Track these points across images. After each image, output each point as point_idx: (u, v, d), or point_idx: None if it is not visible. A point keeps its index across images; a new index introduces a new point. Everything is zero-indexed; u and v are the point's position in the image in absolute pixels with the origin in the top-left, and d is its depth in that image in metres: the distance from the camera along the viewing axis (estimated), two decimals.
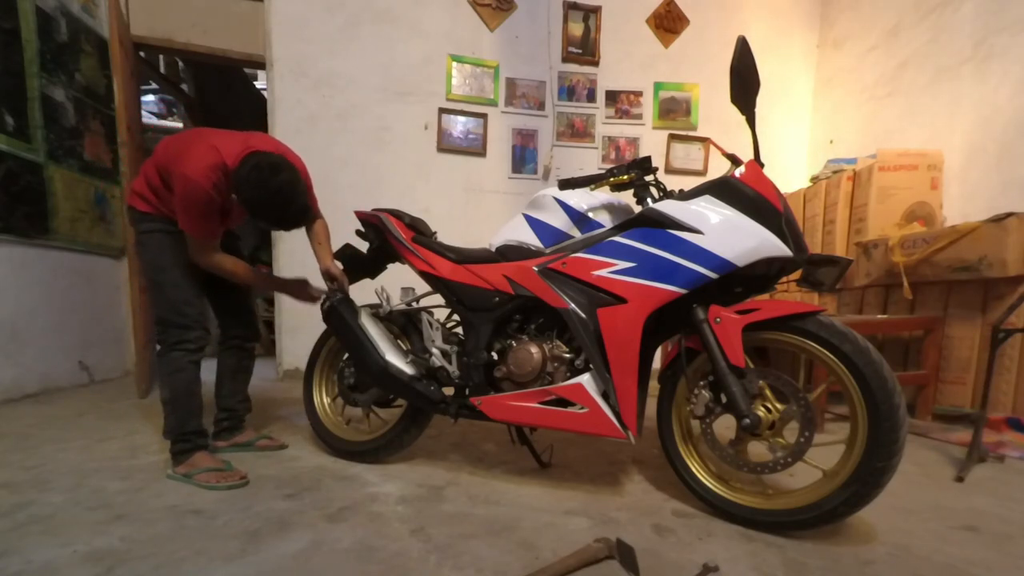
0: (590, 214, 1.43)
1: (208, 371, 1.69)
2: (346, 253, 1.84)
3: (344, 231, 2.07)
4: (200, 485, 1.47)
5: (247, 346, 1.85)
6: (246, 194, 1.41)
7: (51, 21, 2.78)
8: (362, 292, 1.93)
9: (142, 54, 3.62)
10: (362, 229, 1.80)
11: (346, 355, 1.77)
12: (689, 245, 1.21)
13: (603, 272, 1.30)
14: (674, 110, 3.68)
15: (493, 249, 1.56)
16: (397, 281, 1.92)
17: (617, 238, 1.31)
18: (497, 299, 1.49)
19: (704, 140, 3.67)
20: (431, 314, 1.68)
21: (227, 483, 1.46)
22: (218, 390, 1.82)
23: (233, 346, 1.82)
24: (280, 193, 1.40)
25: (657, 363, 1.63)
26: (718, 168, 3.59)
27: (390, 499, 1.39)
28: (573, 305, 1.34)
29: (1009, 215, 2.05)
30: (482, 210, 3.51)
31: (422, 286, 1.73)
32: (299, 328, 3.26)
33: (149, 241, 1.57)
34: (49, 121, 2.76)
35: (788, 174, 3.77)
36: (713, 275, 1.19)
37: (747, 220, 1.19)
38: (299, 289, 1.77)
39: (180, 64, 5.10)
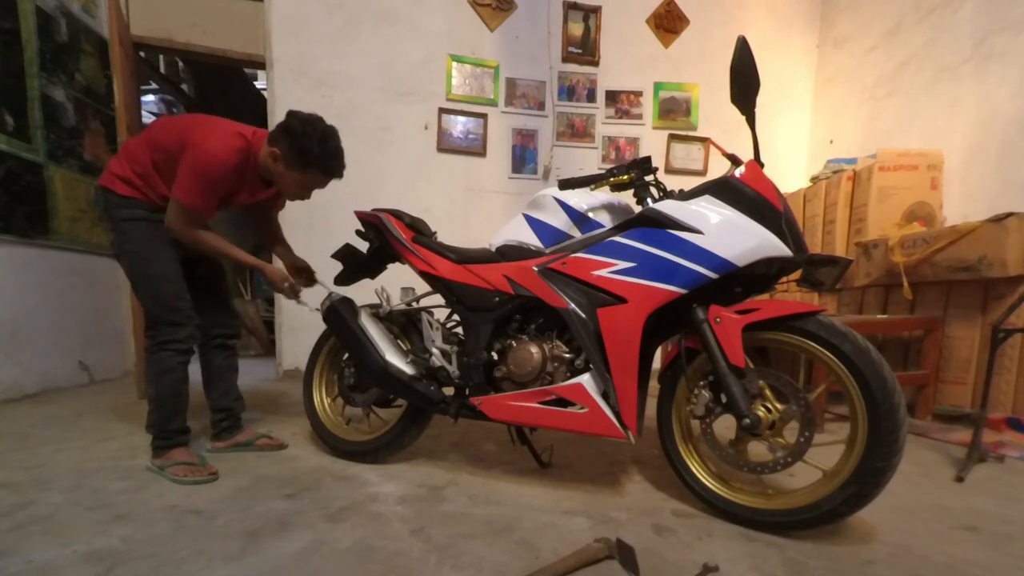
0: (590, 214, 1.43)
1: (194, 372, 1.67)
2: (346, 253, 1.84)
3: (344, 231, 2.07)
4: (169, 478, 1.49)
5: (230, 343, 1.82)
6: (309, 140, 1.46)
7: (51, 21, 2.78)
8: (362, 292, 1.93)
9: (142, 54, 3.62)
10: (362, 229, 1.80)
11: (346, 355, 1.77)
12: (689, 245, 1.21)
13: (603, 272, 1.30)
14: (674, 110, 3.68)
15: (493, 249, 1.56)
16: (397, 281, 1.92)
17: (617, 238, 1.31)
18: (497, 299, 1.49)
19: (704, 140, 3.67)
20: (431, 314, 1.68)
21: (193, 478, 1.48)
22: (208, 392, 1.80)
23: (216, 345, 1.78)
24: (334, 134, 1.52)
25: (657, 363, 1.63)
26: (718, 168, 3.59)
27: (390, 499, 1.39)
28: (573, 305, 1.34)
29: (1009, 215, 2.05)
30: (482, 210, 3.51)
31: (422, 286, 1.73)
32: (299, 328, 3.26)
33: (132, 230, 1.51)
34: (49, 121, 2.77)
35: (788, 174, 3.77)
36: (713, 275, 1.19)
37: (747, 220, 1.19)
38: (279, 277, 1.65)
39: (180, 64, 5.11)
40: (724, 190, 1.23)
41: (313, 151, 1.48)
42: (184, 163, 1.43)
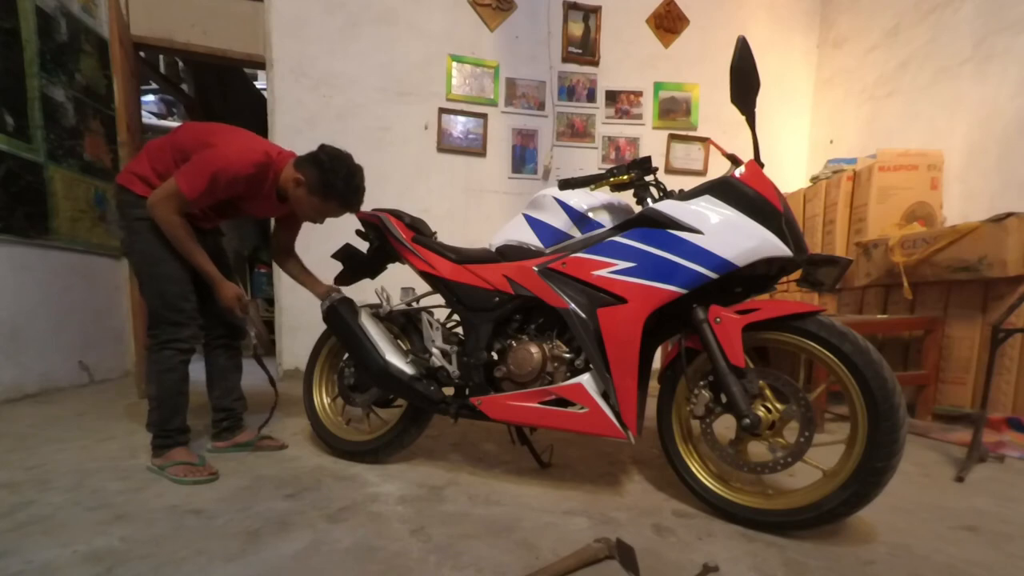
0: (590, 214, 1.43)
1: (196, 371, 1.67)
2: (346, 253, 1.84)
3: (344, 231, 2.07)
4: (169, 478, 1.50)
5: (234, 344, 1.83)
6: (335, 174, 1.54)
7: (51, 21, 2.78)
8: (362, 292, 1.93)
9: (142, 54, 3.62)
10: (362, 229, 1.80)
11: (346, 355, 1.77)
12: (689, 245, 1.21)
13: (603, 272, 1.30)
14: (674, 110, 3.67)
15: (493, 249, 1.56)
16: (397, 281, 1.92)
17: (617, 238, 1.31)
18: (497, 299, 1.49)
19: (704, 140, 3.67)
20: (431, 314, 1.68)
21: (193, 478, 1.48)
22: (211, 391, 1.81)
23: (220, 346, 1.80)
24: (359, 172, 1.61)
25: (657, 363, 1.63)
26: (718, 168, 3.58)
27: (390, 499, 1.39)
28: (573, 305, 1.34)
29: (1009, 215, 2.05)
30: (482, 210, 3.51)
31: (422, 286, 1.73)
32: (299, 328, 3.25)
33: (145, 229, 1.52)
34: (49, 121, 2.77)
35: (788, 174, 3.76)
36: (713, 275, 1.19)
37: (747, 220, 1.19)
38: (233, 294, 1.59)
39: (180, 64, 5.11)
40: (724, 190, 1.23)
41: (337, 185, 1.55)
42: (198, 156, 1.45)
